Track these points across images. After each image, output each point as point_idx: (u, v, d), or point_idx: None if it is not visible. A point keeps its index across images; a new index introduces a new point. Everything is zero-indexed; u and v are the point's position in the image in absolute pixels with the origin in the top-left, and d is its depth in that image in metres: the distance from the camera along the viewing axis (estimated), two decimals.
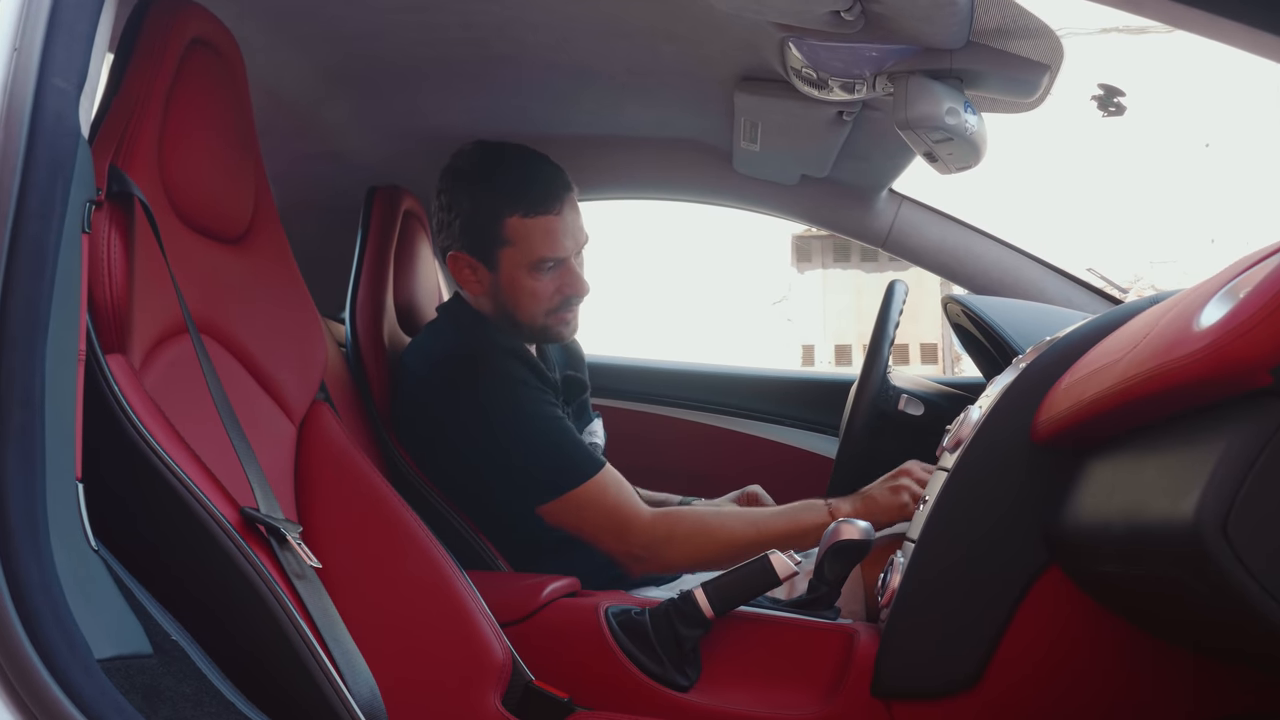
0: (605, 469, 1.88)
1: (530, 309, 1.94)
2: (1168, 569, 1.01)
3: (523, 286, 1.92)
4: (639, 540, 1.85)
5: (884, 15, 1.47)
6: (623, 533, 1.85)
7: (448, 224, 1.95)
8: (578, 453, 1.88)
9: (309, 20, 1.82)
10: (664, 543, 1.85)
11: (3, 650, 0.94)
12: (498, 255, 1.91)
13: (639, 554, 1.85)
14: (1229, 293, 0.95)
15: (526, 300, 1.93)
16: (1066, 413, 1.25)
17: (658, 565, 1.88)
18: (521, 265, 1.91)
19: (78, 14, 1.07)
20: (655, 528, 1.86)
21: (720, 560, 1.76)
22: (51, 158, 1.03)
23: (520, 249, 1.90)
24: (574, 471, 1.85)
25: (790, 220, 2.61)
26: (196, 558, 1.15)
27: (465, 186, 1.94)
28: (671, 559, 1.87)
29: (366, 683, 1.21)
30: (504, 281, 1.93)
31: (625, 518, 1.86)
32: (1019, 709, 1.40)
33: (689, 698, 1.51)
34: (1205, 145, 8.94)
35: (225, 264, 1.45)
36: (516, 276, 1.92)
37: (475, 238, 1.92)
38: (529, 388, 1.88)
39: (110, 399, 1.13)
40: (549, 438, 1.87)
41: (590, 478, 1.85)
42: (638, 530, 1.85)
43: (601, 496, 1.86)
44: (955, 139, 1.63)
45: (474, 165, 1.94)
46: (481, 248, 1.92)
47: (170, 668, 1.04)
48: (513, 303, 1.94)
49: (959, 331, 2.12)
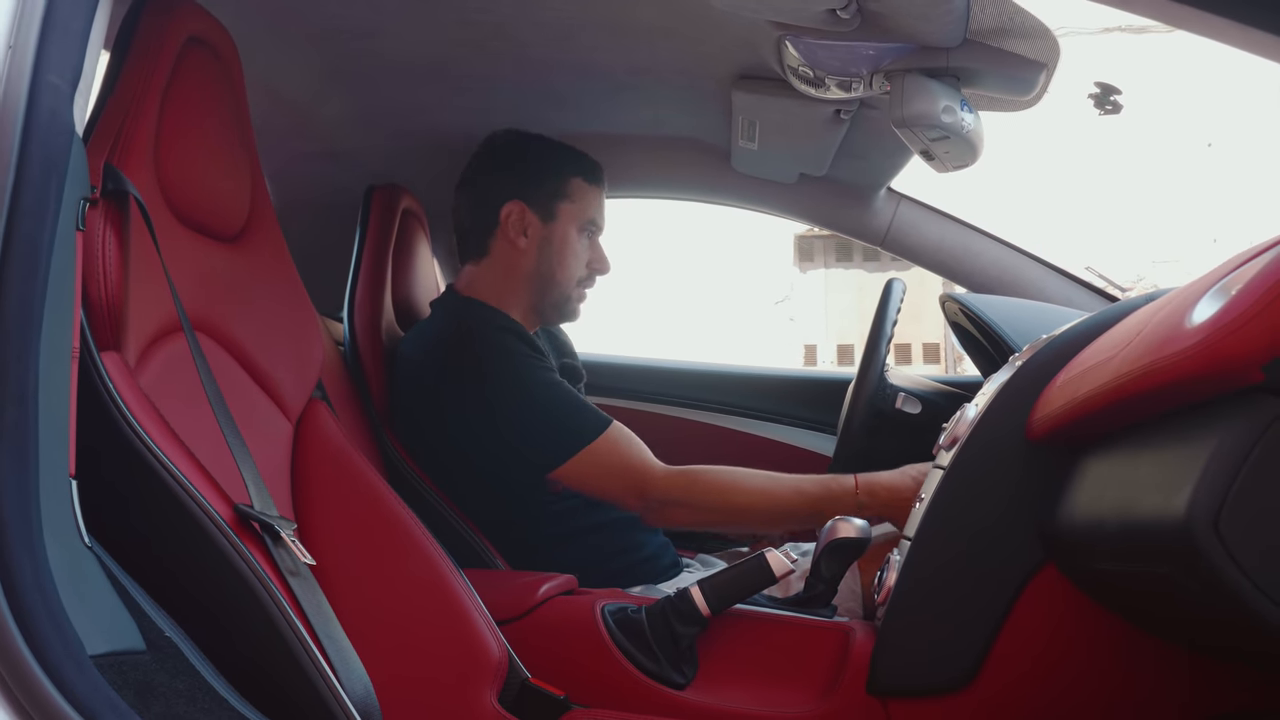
0: (614, 425, 1.89)
1: (572, 268, 2.05)
2: (1160, 566, 1.01)
3: (571, 245, 2.04)
4: (658, 492, 1.86)
5: (880, 13, 1.47)
6: (641, 486, 1.86)
7: (504, 173, 2.03)
8: (584, 411, 1.90)
9: (308, 18, 1.82)
10: (686, 492, 1.86)
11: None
12: (557, 208, 2.03)
13: (661, 508, 1.86)
14: (1221, 290, 0.95)
15: (571, 259, 2.05)
16: (1061, 410, 1.25)
17: (684, 517, 1.89)
18: (575, 222, 2.04)
19: (73, 12, 1.07)
20: (674, 478, 1.87)
21: (747, 515, 1.80)
22: (45, 155, 1.03)
23: (579, 206, 2.04)
24: (583, 430, 1.87)
25: (790, 219, 2.61)
26: (191, 554, 1.14)
27: (531, 142, 2.07)
28: (696, 511, 1.88)
29: (361, 680, 1.21)
30: (557, 235, 2.03)
31: (641, 471, 1.87)
32: (1015, 707, 1.40)
33: (685, 696, 1.50)
34: (1207, 145, 8.94)
35: (222, 262, 1.45)
36: (569, 233, 2.04)
37: (538, 188, 2.03)
38: (526, 357, 1.91)
39: (105, 396, 1.13)
40: (553, 400, 1.89)
41: (601, 433, 1.87)
42: (656, 482, 1.86)
43: (614, 451, 1.87)
44: (952, 137, 1.63)
45: (532, 134, 2.09)
46: (542, 198, 2.03)
47: (164, 664, 1.04)
48: (558, 258, 2.03)
49: (957, 330, 2.12)
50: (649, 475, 1.88)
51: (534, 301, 2.05)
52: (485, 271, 2.06)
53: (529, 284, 2.04)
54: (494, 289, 2.04)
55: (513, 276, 2.04)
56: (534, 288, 2.04)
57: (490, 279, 2.05)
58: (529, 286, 2.04)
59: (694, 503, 1.88)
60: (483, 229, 2.06)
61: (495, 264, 2.06)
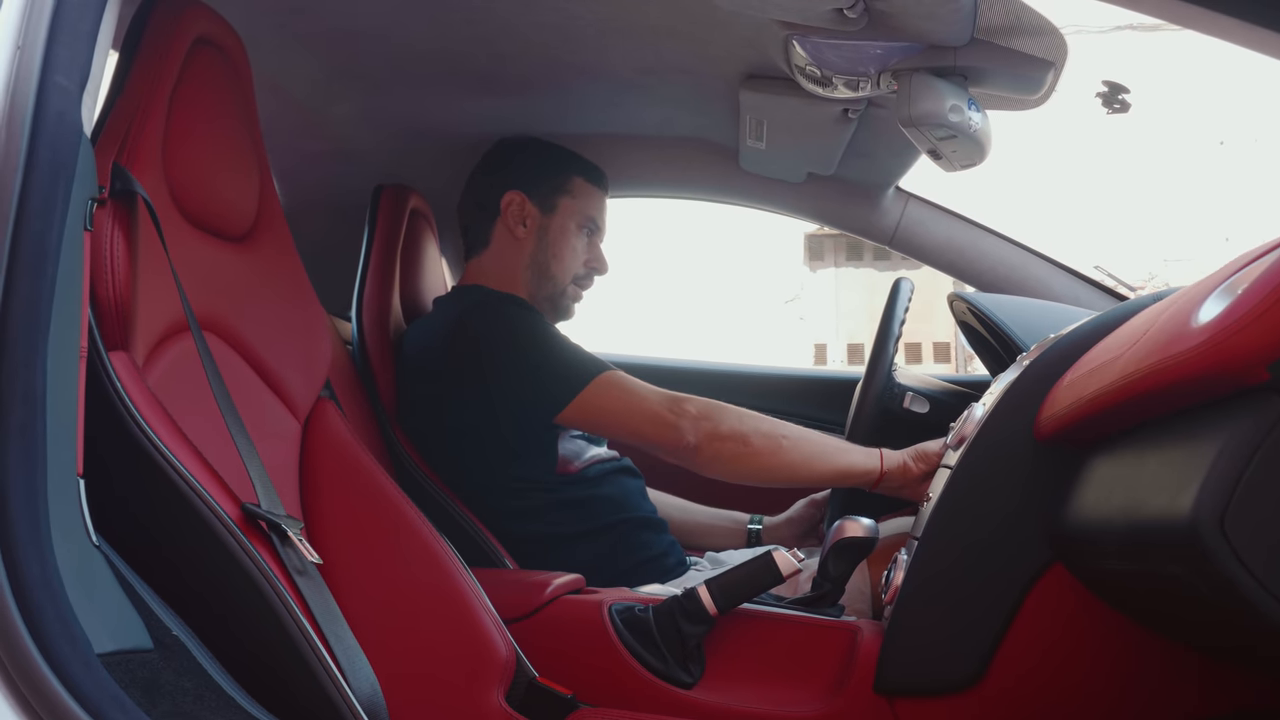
0: (617, 370, 1.89)
1: (568, 262, 2.09)
2: (1167, 566, 1.01)
3: (569, 238, 2.08)
4: (694, 408, 1.83)
5: (887, 13, 1.47)
6: (674, 406, 1.84)
7: (508, 168, 2.09)
8: (584, 354, 1.91)
9: (316, 20, 1.82)
10: (721, 410, 1.84)
11: (3, 645, 0.95)
12: (557, 201, 2.08)
13: (700, 432, 1.82)
14: (1227, 289, 0.95)
15: (568, 253, 2.09)
16: (1068, 410, 1.25)
17: (731, 448, 1.84)
18: (574, 217, 2.09)
19: (81, 13, 1.08)
20: (688, 401, 1.84)
21: (791, 444, 1.81)
22: (53, 156, 1.03)
23: (579, 203, 2.09)
24: (585, 367, 1.87)
25: (798, 218, 2.61)
26: (198, 553, 1.15)
27: (536, 142, 2.15)
28: (741, 440, 1.84)
29: (367, 679, 1.21)
30: (554, 229, 2.08)
31: (666, 395, 1.85)
32: (1022, 706, 1.40)
33: (692, 695, 1.51)
34: (1220, 143, 8.90)
35: (230, 262, 1.45)
36: (567, 227, 2.08)
37: (540, 181, 2.08)
38: (523, 317, 1.93)
39: (113, 395, 1.14)
40: (554, 343, 1.91)
41: (604, 370, 1.87)
42: (686, 402, 1.84)
43: (625, 383, 1.87)
44: (959, 136, 1.63)
45: (538, 139, 2.17)
46: (544, 191, 2.08)
47: (171, 663, 1.04)
48: (555, 251, 2.08)
49: (965, 329, 2.12)
50: (675, 395, 1.85)
51: (531, 293, 2.07)
52: (487, 262, 2.10)
53: (525, 274, 2.07)
54: (496, 278, 2.07)
55: (512, 266, 2.07)
56: (530, 278, 2.07)
57: (492, 268, 2.09)
58: (526, 276, 2.07)
59: (734, 422, 1.83)
60: (485, 219, 2.10)
61: (495, 254, 2.09)
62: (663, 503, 2.17)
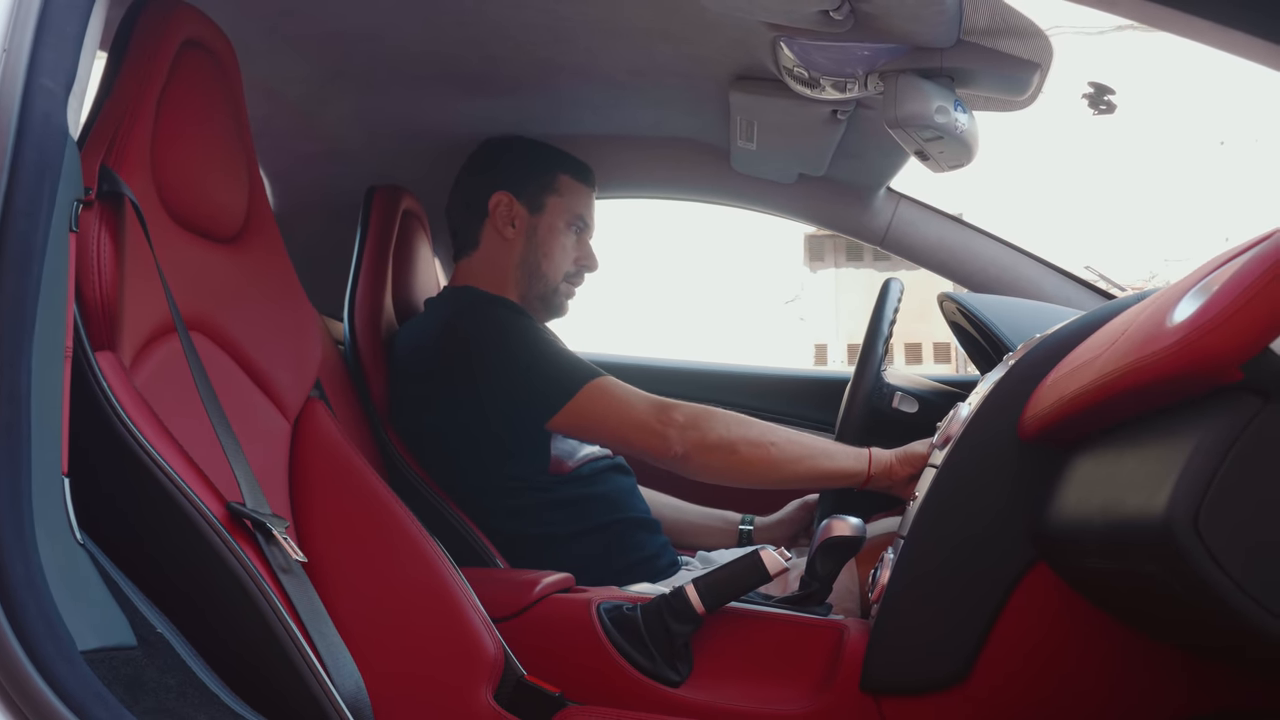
0: (608, 376, 1.90)
1: (558, 260, 2.09)
2: (1145, 565, 1.01)
3: (557, 238, 2.09)
4: (681, 415, 1.84)
5: (873, 14, 1.47)
6: (660, 413, 1.85)
7: (494, 169, 2.10)
8: (575, 359, 1.92)
9: (308, 21, 1.83)
10: (709, 417, 1.85)
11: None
12: (545, 200, 2.09)
13: (687, 438, 1.83)
14: (1202, 289, 0.95)
15: (557, 251, 2.09)
16: (1050, 409, 1.26)
17: (720, 458, 1.84)
18: (562, 216, 2.09)
19: (67, 15, 1.08)
20: (676, 409, 1.85)
21: (778, 446, 1.81)
22: (39, 158, 1.04)
23: (566, 201, 2.10)
24: (577, 371, 1.88)
25: (790, 219, 2.61)
26: (182, 551, 1.16)
27: (521, 141, 2.15)
28: (728, 448, 1.84)
29: (351, 676, 1.22)
30: (543, 227, 2.08)
31: (654, 401, 1.86)
32: (1007, 704, 1.40)
33: (680, 693, 1.51)
34: (1220, 143, 8.89)
35: (219, 263, 1.46)
36: (556, 226, 2.09)
37: (527, 181, 2.08)
38: (513, 319, 1.94)
39: (99, 395, 1.15)
40: (544, 347, 1.91)
41: (596, 377, 1.88)
42: (673, 408, 1.85)
43: (615, 389, 1.88)
44: (945, 137, 1.63)
45: (524, 138, 2.17)
46: (531, 191, 2.08)
47: (154, 660, 1.05)
48: (544, 250, 2.08)
49: (955, 329, 2.13)
50: (664, 403, 1.86)
51: (522, 293, 2.08)
52: (476, 264, 2.10)
53: (516, 274, 2.08)
54: (487, 279, 2.08)
55: (502, 267, 2.08)
56: (521, 278, 2.08)
57: (481, 270, 2.09)
58: (516, 276, 2.08)
59: (721, 431, 1.84)
60: (474, 220, 2.10)
61: (485, 255, 2.10)
62: (655, 501, 2.17)
